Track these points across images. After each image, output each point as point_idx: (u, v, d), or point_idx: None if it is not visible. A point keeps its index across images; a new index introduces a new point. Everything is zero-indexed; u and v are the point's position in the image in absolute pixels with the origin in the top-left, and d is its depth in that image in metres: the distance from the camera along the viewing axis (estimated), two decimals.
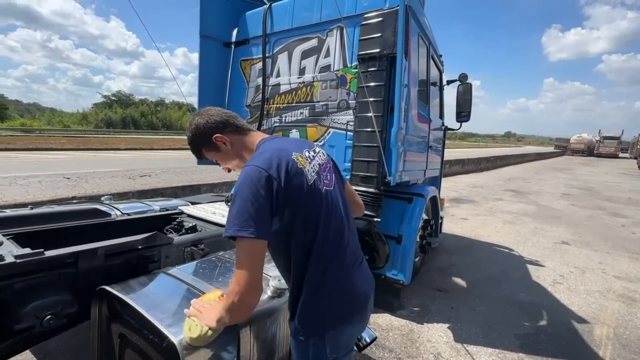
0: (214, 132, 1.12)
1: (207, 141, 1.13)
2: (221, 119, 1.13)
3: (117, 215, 2.18)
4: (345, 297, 1.06)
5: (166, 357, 1.05)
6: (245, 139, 1.14)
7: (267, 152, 1.01)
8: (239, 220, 0.88)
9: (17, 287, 1.15)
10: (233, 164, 1.19)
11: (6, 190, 5.15)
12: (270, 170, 0.94)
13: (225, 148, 1.13)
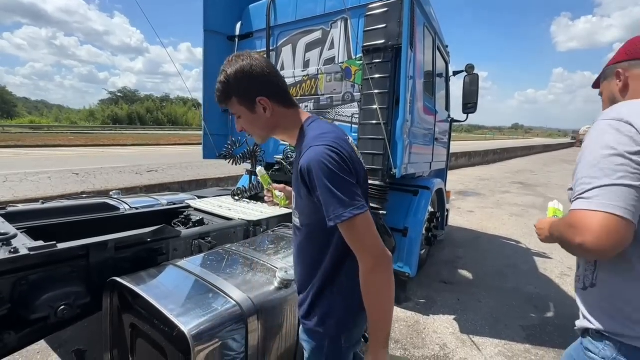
0: (262, 91, 0.95)
1: (248, 97, 0.96)
2: (274, 78, 0.98)
3: (126, 210, 2.21)
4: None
5: (176, 346, 1.08)
6: (290, 113, 1.01)
7: (332, 133, 0.94)
8: (348, 200, 0.84)
9: (31, 279, 1.18)
10: (257, 133, 1.04)
11: (17, 186, 5.25)
12: (345, 152, 0.88)
13: (261, 114, 0.97)
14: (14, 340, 1.12)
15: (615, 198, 0.76)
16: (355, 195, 0.85)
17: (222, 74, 0.97)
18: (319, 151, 0.86)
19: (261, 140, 1.07)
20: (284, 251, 1.73)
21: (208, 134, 3.41)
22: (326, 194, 0.85)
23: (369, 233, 0.87)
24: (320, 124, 0.99)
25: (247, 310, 1.18)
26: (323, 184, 0.84)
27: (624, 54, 1.03)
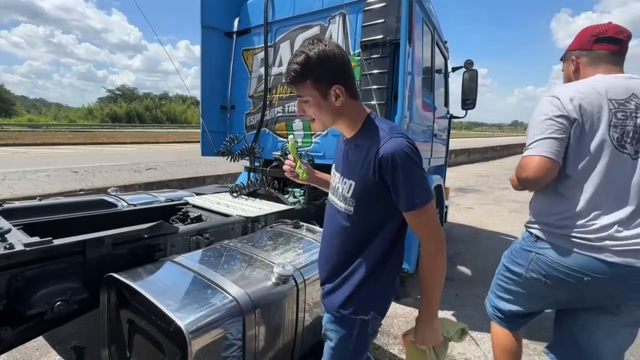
0: (339, 79, 0.97)
1: (323, 81, 0.96)
2: (351, 73, 1.01)
3: (124, 206, 2.20)
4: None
5: (173, 341, 1.08)
6: (356, 105, 1.04)
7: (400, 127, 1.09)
8: (422, 188, 0.94)
9: (27, 275, 1.18)
10: (323, 120, 1.03)
11: (16, 184, 5.24)
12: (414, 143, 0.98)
13: (332, 102, 0.98)
14: (11, 336, 1.12)
15: (546, 146, 1.20)
16: (428, 185, 0.97)
17: (300, 54, 0.95)
18: (401, 142, 0.93)
19: (321, 128, 1.07)
20: (282, 247, 1.73)
21: (206, 131, 3.40)
22: (407, 182, 0.93)
23: (435, 220, 0.99)
24: (382, 119, 1.08)
25: (244, 306, 1.18)
26: (405, 173, 0.92)
27: (577, 44, 1.37)
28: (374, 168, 0.96)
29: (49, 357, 1.92)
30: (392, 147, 0.92)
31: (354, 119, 1.04)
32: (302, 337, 1.53)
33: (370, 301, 1.05)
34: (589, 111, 1.16)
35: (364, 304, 1.05)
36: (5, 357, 1.89)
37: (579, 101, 1.17)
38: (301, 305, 1.47)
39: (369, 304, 1.05)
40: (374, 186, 0.98)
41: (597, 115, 1.16)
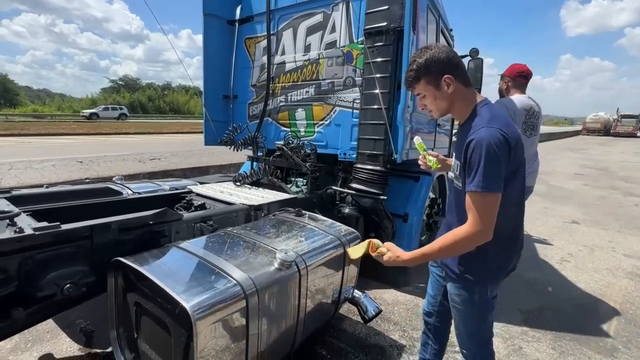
0: (447, 71, 1.16)
1: (435, 76, 1.17)
2: (458, 62, 1.19)
3: (129, 194, 2.24)
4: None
5: (179, 322, 1.11)
6: (467, 93, 1.21)
7: (503, 117, 1.15)
8: (490, 177, 1.05)
9: (37, 258, 1.21)
10: (439, 108, 1.23)
11: (22, 174, 5.30)
12: (512, 136, 1.08)
13: (445, 91, 1.17)
14: (23, 316, 1.16)
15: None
16: (499, 178, 1.06)
17: (413, 63, 1.21)
18: (490, 132, 1.06)
19: (438, 115, 1.27)
20: (285, 234, 1.76)
21: (209, 120, 3.41)
22: (477, 166, 1.06)
23: (486, 212, 1.08)
24: (494, 109, 1.18)
25: (247, 289, 1.21)
26: (478, 158, 1.06)
27: (509, 73, 2.55)
28: (465, 151, 1.12)
29: (60, 339, 1.98)
30: (479, 135, 1.07)
31: (465, 105, 1.21)
32: (304, 323, 1.57)
33: (484, 264, 1.22)
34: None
35: (475, 270, 1.22)
36: (18, 338, 1.95)
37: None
38: (303, 291, 1.50)
39: (479, 270, 1.22)
40: (462, 165, 1.16)
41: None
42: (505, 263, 1.28)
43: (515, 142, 1.09)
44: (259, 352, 1.31)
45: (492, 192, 1.06)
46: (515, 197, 1.19)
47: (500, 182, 1.07)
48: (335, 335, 2.12)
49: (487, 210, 1.08)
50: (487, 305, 1.28)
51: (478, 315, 1.30)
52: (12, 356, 1.83)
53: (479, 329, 1.33)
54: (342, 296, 1.88)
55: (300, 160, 2.79)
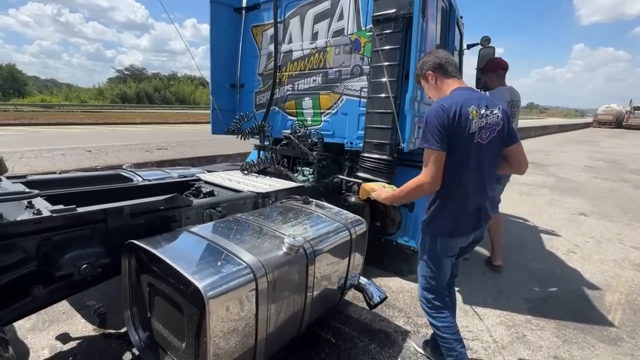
0: (429, 69, 1.61)
1: (423, 74, 1.65)
2: (439, 61, 1.59)
3: (139, 181, 2.28)
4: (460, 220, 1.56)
5: (192, 301, 1.15)
6: (446, 82, 1.59)
7: (454, 98, 1.47)
8: (427, 138, 1.43)
9: (55, 240, 1.26)
10: (433, 94, 1.66)
11: (33, 162, 5.40)
12: (449, 112, 1.40)
13: (431, 82, 1.63)
14: (43, 294, 1.21)
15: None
16: (434, 139, 1.41)
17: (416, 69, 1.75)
18: (434, 106, 1.46)
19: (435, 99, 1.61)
20: (292, 221, 1.78)
21: (216, 109, 3.42)
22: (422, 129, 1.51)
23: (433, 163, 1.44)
24: (458, 93, 1.51)
25: (257, 272, 1.24)
26: (425, 122, 1.46)
27: (491, 68, 3.04)
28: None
29: (75, 320, 2.06)
30: (429, 110, 1.48)
31: (446, 91, 1.57)
32: (311, 307, 1.60)
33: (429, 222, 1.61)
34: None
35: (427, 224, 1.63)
36: (35, 318, 2.03)
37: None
38: (310, 276, 1.53)
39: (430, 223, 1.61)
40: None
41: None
42: (453, 225, 1.54)
43: (454, 115, 1.40)
44: (267, 333, 1.35)
45: (428, 147, 1.42)
46: (465, 162, 1.46)
47: (436, 142, 1.40)
48: (341, 320, 2.16)
49: (427, 162, 1.44)
50: (434, 255, 1.60)
51: (427, 265, 1.65)
52: (31, 335, 1.91)
53: (427, 277, 1.66)
54: (348, 282, 1.91)
55: (307, 149, 2.80)
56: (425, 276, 1.67)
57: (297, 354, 1.84)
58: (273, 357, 1.72)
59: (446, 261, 1.61)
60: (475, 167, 1.47)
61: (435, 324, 1.64)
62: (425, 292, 1.68)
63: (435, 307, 1.65)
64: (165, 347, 1.34)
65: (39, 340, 1.87)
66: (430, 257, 1.63)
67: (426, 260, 1.65)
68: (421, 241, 1.67)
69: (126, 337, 1.85)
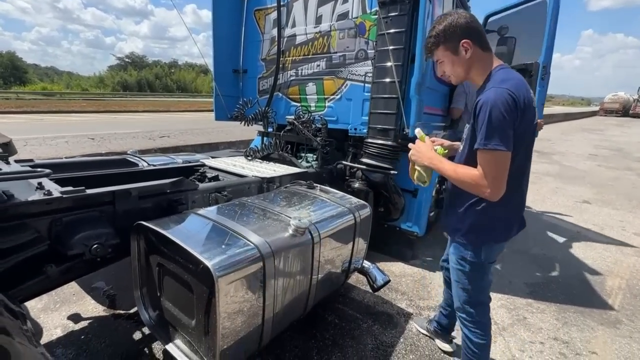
0: (465, 36, 1.20)
1: (452, 41, 1.22)
2: (476, 26, 1.22)
3: (144, 166, 2.29)
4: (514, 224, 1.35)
5: (201, 280, 1.18)
6: (485, 58, 1.24)
7: (515, 80, 1.15)
8: (494, 135, 1.09)
9: (66, 220, 1.28)
10: (456, 72, 1.28)
11: (37, 149, 5.43)
12: (519, 100, 1.10)
13: (463, 56, 1.22)
14: (55, 273, 1.24)
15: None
16: (505, 136, 1.09)
17: (433, 29, 1.26)
18: (498, 92, 1.10)
19: (457, 80, 1.31)
20: (297, 205, 1.80)
21: (219, 95, 3.40)
22: (484, 121, 1.10)
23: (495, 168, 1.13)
24: (509, 72, 1.20)
25: (264, 252, 1.26)
26: (488, 113, 1.09)
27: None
28: (473, 113, 1.16)
29: (85, 301, 2.11)
30: (486, 95, 1.11)
31: (483, 70, 1.24)
32: (316, 288, 1.64)
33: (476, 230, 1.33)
34: None
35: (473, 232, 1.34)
36: (46, 299, 2.08)
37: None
38: (315, 258, 1.55)
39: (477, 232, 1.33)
40: (471, 127, 1.21)
41: None
42: (507, 230, 1.32)
43: (524, 104, 1.11)
44: (274, 312, 1.38)
45: (497, 149, 1.08)
46: (522, 164, 1.22)
47: (507, 141, 1.09)
48: (344, 302, 2.21)
49: (491, 167, 1.12)
50: (479, 265, 1.35)
51: (470, 277, 1.38)
52: (43, 314, 1.97)
53: (471, 290, 1.40)
54: (352, 265, 1.94)
55: (311, 135, 2.79)
56: (467, 289, 1.40)
57: (303, 333, 1.88)
58: (279, 337, 1.77)
59: (490, 268, 1.40)
60: (529, 166, 1.28)
61: (472, 339, 1.43)
62: (467, 305, 1.43)
63: (476, 323, 1.42)
64: (175, 324, 1.38)
65: (52, 319, 1.93)
66: (474, 268, 1.36)
67: (468, 272, 1.37)
68: (456, 250, 1.39)
69: (136, 317, 1.90)
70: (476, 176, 1.15)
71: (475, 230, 1.31)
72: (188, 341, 1.33)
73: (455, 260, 1.41)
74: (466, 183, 1.19)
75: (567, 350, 1.89)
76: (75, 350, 1.70)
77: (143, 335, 1.82)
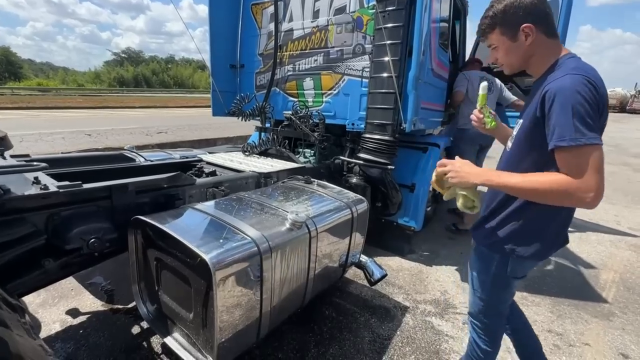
0: (528, 19, 1.00)
1: (511, 25, 1.02)
2: (545, 9, 1.01)
3: (141, 162, 2.29)
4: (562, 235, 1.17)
5: (199, 273, 1.19)
6: (550, 45, 1.04)
7: (591, 69, 0.96)
8: (580, 129, 0.87)
9: (63, 215, 1.28)
10: (509, 62, 1.09)
11: (33, 146, 5.39)
12: (600, 89, 0.92)
13: (522, 42, 1.03)
14: (53, 267, 1.24)
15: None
16: (594, 126, 0.88)
17: (490, 9, 1.07)
18: (577, 79, 0.90)
19: (510, 70, 1.12)
20: (295, 199, 1.80)
21: (217, 90, 3.39)
22: (565, 113, 0.88)
23: (599, 166, 0.88)
24: (579, 62, 1.00)
25: (261, 246, 1.27)
26: (560, 106, 0.89)
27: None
28: (537, 102, 0.96)
29: (83, 297, 2.12)
30: (560, 82, 0.91)
31: (545, 59, 1.04)
32: (314, 282, 1.65)
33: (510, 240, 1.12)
34: None
35: (506, 241, 1.13)
36: (45, 294, 2.09)
37: None
38: (313, 252, 1.56)
39: (511, 241, 1.12)
40: (533, 122, 0.99)
41: None
42: (555, 242, 1.13)
43: (603, 96, 0.92)
44: (272, 306, 1.39)
45: (594, 143, 0.86)
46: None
47: (599, 134, 0.89)
48: (342, 297, 2.23)
49: (591, 166, 0.87)
50: (502, 278, 1.18)
51: (490, 289, 1.23)
52: (42, 309, 1.97)
53: (489, 301, 1.26)
54: (349, 260, 1.95)
55: (309, 131, 2.79)
56: (484, 299, 1.27)
57: (301, 327, 1.90)
58: (277, 330, 1.78)
59: (515, 282, 1.23)
60: None
61: (480, 344, 1.34)
62: (481, 315, 1.31)
63: (488, 332, 1.31)
64: (173, 318, 1.39)
65: (50, 314, 1.93)
66: (496, 280, 1.21)
67: (489, 284, 1.23)
68: (480, 257, 1.25)
69: (134, 311, 1.91)
70: (569, 182, 0.89)
71: (511, 239, 1.11)
72: (186, 334, 1.34)
73: (477, 268, 1.26)
74: (553, 193, 0.92)
75: (560, 342, 1.92)
76: (74, 345, 1.71)
77: (141, 329, 1.83)
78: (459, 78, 3.33)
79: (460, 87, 3.28)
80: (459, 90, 3.28)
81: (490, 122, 1.30)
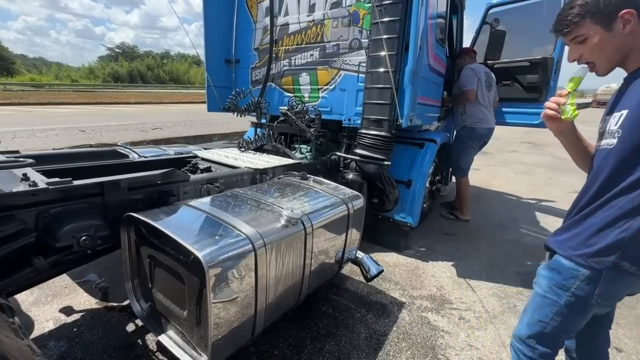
0: (629, 5, 0.86)
1: (608, 12, 0.88)
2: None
3: (135, 158, 2.26)
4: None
5: (192, 271, 1.17)
6: None
7: None
8: None
9: (53, 212, 1.26)
10: (604, 56, 0.94)
11: (26, 142, 5.32)
12: None
13: (619, 32, 0.89)
14: (44, 265, 1.22)
15: None
16: None
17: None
18: None
19: (606, 68, 0.96)
20: (290, 195, 1.79)
21: (212, 86, 3.35)
22: None
23: None
24: None
25: (256, 243, 1.25)
26: None
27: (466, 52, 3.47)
28: None
29: (77, 294, 2.09)
30: None
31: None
32: (309, 278, 1.64)
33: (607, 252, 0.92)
34: None
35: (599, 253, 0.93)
36: (38, 292, 2.06)
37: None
38: (308, 248, 1.55)
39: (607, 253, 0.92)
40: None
41: None
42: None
43: None
44: (267, 303, 1.38)
45: None
46: None
47: None
48: (338, 293, 2.22)
49: None
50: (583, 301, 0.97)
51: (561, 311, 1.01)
52: (35, 308, 1.95)
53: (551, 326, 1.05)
54: (346, 256, 1.95)
55: (305, 126, 2.77)
56: (546, 323, 1.05)
57: (297, 323, 1.89)
58: (273, 326, 1.78)
59: (594, 309, 1.01)
60: None
61: None
62: (532, 340, 1.09)
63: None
64: (167, 316, 1.37)
65: (43, 312, 1.91)
66: (572, 302, 0.99)
67: (563, 305, 1.01)
68: (555, 270, 1.03)
69: (128, 309, 1.89)
70: None
71: (616, 250, 0.89)
72: (180, 332, 1.33)
73: (547, 285, 1.04)
74: None
75: None
76: (68, 343, 1.69)
77: (136, 327, 1.81)
78: (467, 73, 3.24)
79: (471, 85, 3.15)
80: (471, 88, 3.16)
81: (573, 110, 1.06)
